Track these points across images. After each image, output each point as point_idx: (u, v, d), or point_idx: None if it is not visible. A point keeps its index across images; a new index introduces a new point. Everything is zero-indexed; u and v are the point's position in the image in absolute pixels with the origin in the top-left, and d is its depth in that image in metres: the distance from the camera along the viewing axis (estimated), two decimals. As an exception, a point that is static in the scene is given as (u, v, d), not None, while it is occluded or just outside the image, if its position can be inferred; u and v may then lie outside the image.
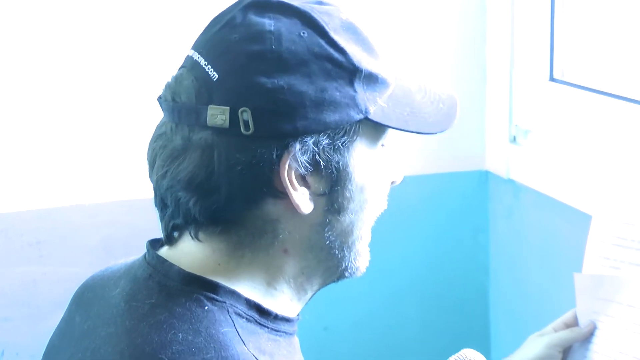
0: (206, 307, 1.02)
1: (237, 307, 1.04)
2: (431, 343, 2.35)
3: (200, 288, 1.04)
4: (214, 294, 1.03)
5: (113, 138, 2.05)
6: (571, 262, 1.47)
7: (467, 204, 2.36)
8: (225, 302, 1.03)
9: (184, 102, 1.04)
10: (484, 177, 2.33)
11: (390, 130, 1.10)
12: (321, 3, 1.08)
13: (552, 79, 2.12)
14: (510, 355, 1.46)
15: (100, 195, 2.08)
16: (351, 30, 1.06)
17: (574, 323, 1.43)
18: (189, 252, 1.08)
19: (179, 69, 1.08)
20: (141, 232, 1.38)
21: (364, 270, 1.16)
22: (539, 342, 1.42)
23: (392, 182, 1.15)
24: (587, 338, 1.40)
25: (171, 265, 1.06)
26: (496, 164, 2.26)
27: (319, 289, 1.14)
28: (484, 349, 2.39)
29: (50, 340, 1.19)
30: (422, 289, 2.37)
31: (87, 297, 1.17)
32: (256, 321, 1.05)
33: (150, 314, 1.02)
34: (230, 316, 1.02)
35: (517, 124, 2.18)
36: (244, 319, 1.04)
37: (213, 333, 1.00)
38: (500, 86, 2.21)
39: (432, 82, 1.16)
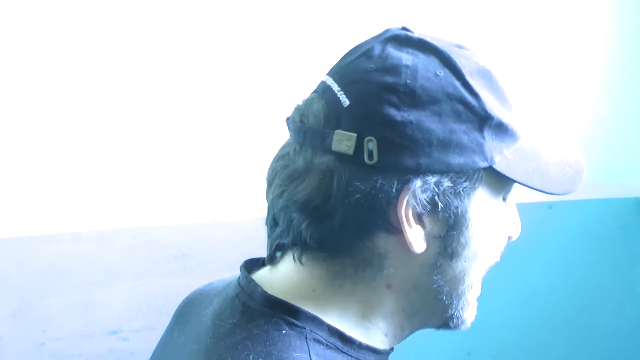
0: (283, 331, 1.00)
1: (317, 334, 1.01)
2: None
3: (281, 312, 1.02)
4: (294, 318, 1.02)
5: (255, 159, 2.10)
6: None
7: (624, 232, 2.31)
8: (304, 328, 1.01)
9: (311, 124, 1.03)
10: (640, 205, 2.28)
11: (513, 185, 1.07)
12: (461, 47, 1.06)
13: None
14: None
15: (241, 212, 2.13)
16: (487, 77, 1.04)
17: None
18: (287, 275, 1.07)
19: (311, 93, 1.07)
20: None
21: (469, 325, 1.11)
22: None
23: (509, 237, 1.11)
24: None
25: (256, 286, 1.06)
26: (653, 193, 2.20)
27: (417, 330, 1.11)
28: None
29: (153, 352, 1.21)
30: (572, 316, 2.32)
31: (186, 312, 1.18)
32: (337, 348, 1.03)
33: (229, 333, 1.02)
34: (307, 342, 1.00)
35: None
36: (324, 346, 1.01)
37: (284, 357, 0.97)
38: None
39: (562, 144, 1.13)
